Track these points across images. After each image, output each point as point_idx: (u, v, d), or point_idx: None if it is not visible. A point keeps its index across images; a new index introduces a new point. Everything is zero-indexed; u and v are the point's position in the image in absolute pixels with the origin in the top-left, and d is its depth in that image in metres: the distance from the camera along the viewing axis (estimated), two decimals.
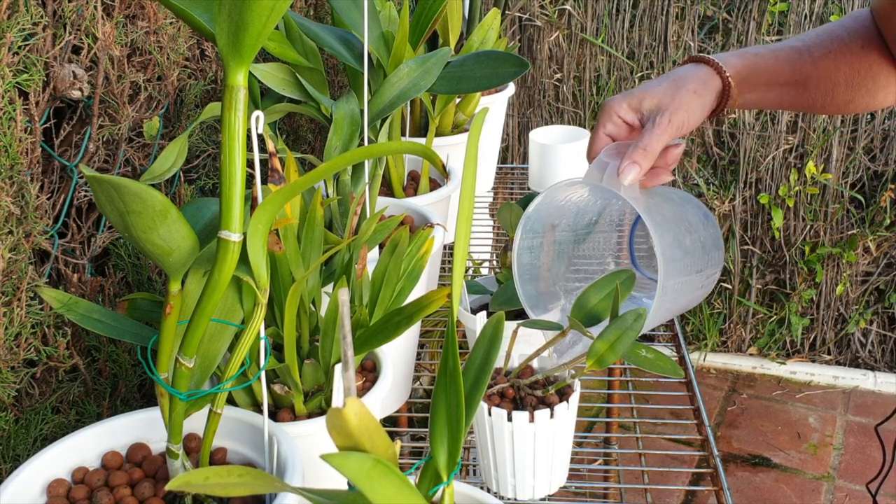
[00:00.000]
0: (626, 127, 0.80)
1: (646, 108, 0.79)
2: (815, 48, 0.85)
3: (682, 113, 0.78)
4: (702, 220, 0.84)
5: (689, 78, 0.80)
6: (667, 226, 0.76)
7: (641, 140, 0.76)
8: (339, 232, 0.89)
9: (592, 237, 0.90)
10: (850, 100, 0.86)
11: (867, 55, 0.85)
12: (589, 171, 0.78)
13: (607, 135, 0.80)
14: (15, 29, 0.70)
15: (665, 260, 0.73)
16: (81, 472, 0.65)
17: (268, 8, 0.47)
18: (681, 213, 0.82)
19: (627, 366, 1.28)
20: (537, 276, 0.86)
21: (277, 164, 0.63)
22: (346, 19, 0.96)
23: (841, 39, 0.85)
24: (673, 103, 0.78)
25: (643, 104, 0.79)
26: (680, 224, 0.80)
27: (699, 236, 0.82)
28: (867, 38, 0.85)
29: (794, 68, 0.84)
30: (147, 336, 0.65)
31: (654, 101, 0.79)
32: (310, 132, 1.42)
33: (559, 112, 2.50)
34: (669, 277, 0.74)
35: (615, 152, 0.77)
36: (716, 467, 0.88)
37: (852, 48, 0.85)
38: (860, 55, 0.85)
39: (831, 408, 2.33)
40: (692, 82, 0.80)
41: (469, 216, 0.51)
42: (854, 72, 0.85)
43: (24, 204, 0.74)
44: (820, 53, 0.85)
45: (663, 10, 2.33)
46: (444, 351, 0.48)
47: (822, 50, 0.85)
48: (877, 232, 2.33)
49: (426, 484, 0.49)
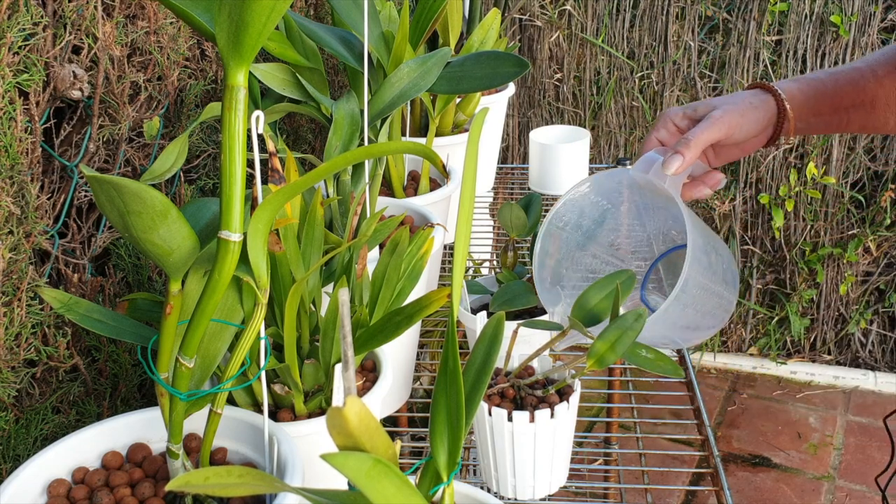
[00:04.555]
0: (678, 133, 0.82)
1: (700, 114, 0.81)
2: (879, 67, 0.84)
3: (736, 115, 0.79)
4: (727, 255, 0.85)
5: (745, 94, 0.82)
6: (700, 231, 0.77)
7: (689, 132, 0.77)
8: (340, 232, 0.89)
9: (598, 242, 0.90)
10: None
11: None
12: (636, 164, 0.79)
13: (659, 139, 0.82)
14: (15, 29, 0.70)
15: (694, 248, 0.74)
16: (82, 472, 0.65)
17: (268, 8, 0.47)
18: (712, 237, 0.83)
19: (628, 366, 1.28)
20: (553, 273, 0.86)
21: (277, 164, 0.63)
22: (347, 19, 0.96)
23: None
24: (727, 105, 0.79)
25: (698, 111, 0.81)
26: (710, 242, 0.81)
27: (723, 262, 0.83)
28: None
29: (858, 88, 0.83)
30: (147, 336, 0.65)
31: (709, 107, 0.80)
32: (310, 132, 1.42)
33: (559, 112, 2.50)
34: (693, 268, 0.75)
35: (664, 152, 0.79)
36: (716, 467, 0.88)
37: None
38: None
39: (832, 408, 2.33)
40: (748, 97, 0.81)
41: (469, 216, 0.51)
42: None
43: (24, 204, 0.74)
44: (884, 71, 0.83)
45: (663, 10, 2.33)
46: (444, 351, 0.48)
47: (886, 67, 0.83)
48: (877, 232, 2.33)
49: (426, 484, 0.49)
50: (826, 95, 0.84)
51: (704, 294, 0.80)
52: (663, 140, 0.82)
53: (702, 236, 0.78)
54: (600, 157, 2.49)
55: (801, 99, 0.83)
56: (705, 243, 0.79)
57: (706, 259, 0.78)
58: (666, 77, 2.37)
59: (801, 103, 0.83)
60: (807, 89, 0.83)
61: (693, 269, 0.75)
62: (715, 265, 0.81)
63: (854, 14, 2.18)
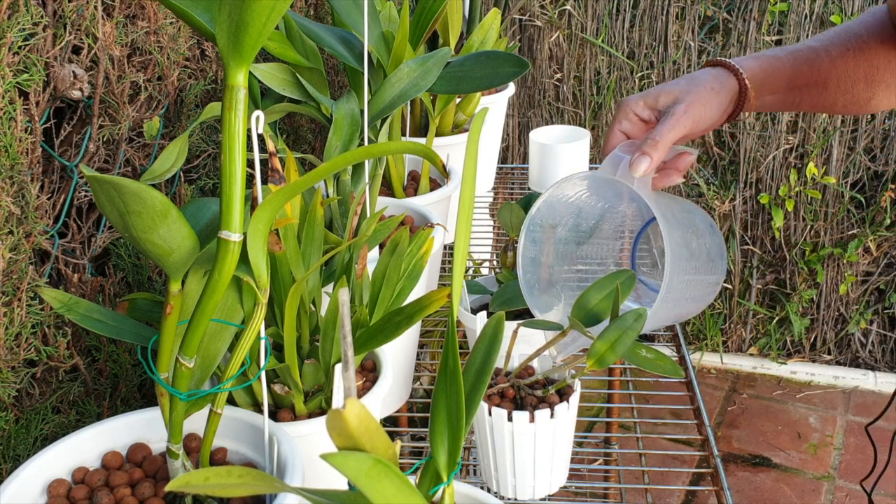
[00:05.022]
0: (641, 124, 0.80)
1: (662, 105, 0.79)
2: (833, 47, 0.84)
3: (699, 107, 0.78)
4: (708, 229, 0.84)
5: (706, 78, 0.80)
6: (676, 224, 0.76)
7: (654, 132, 0.76)
8: (340, 232, 0.89)
9: (595, 241, 0.90)
10: (871, 97, 0.86)
11: (885, 51, 0.84)
12: (603, 165, 0.78)
13: (622, 132, 0.81)
14: (15, 29, 0.70)
15: (673, 255, 0.73)
16: (82, 472, 0.65)
17: (268, 8, 0.46)
18: (689, 218, 0.82)
19: (628, 366, 1.28)
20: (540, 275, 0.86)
21: (277, 164, 0.63)
22: (347, 19, 0.96)
23: (858, 36, 0.84)
24: (689, 97, 0.78)
25: (659, 101, 0.79)
26: (688, 227, 0.80)
27: (705, 242, 0.82)
28: (885, 35, 0.84)
29: (813, 68, 0.83)
30: (147, 336, 0.65)
31: (670, 97, 0.79)
32: (310, 132, 1.42)
33: (559, 112, 2.50)
34: (675, 273, 0.74)
35: (630, 148, 0.78)
36: (716, 467, 0.88)
37: (870, 44, 0.84)
38: (878, 51, 0.84)
39: (832, 408, 2.33)
40: (709, 81, 0.80)
41: (469, 216, 0.51)
42: (873, 69, 0.84)
43: (24, 204, 0.74)
44: (838, 52, 0.84)
45: (663, 10, 2.33)
46: (444, 351, 0.48)
47: (840, 48, 0.84)
48: (877, 232, 2.33)
49: (426, 484, 0.49)
50: (784, 74, 0.83)
51: (691, 285, 0.80)
52: (627, 132, 0.81)
53: (678, 228, 0.77)
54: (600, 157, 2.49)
55: (761, 77, 0.82)
56: (683, 234, 0.78)
57: (686, 251, 0.78)
58: (666, 77, 2.37)
59: (762, 81, 0.82)
60: (767, 67, 0.82)
61: (674, 271, 0.74)
62: (697, 251, 0.80)
63: (854, 14, 2.18)
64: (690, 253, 0.79)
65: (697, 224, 0.82)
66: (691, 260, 0.79)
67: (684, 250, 0.77)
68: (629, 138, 0.81)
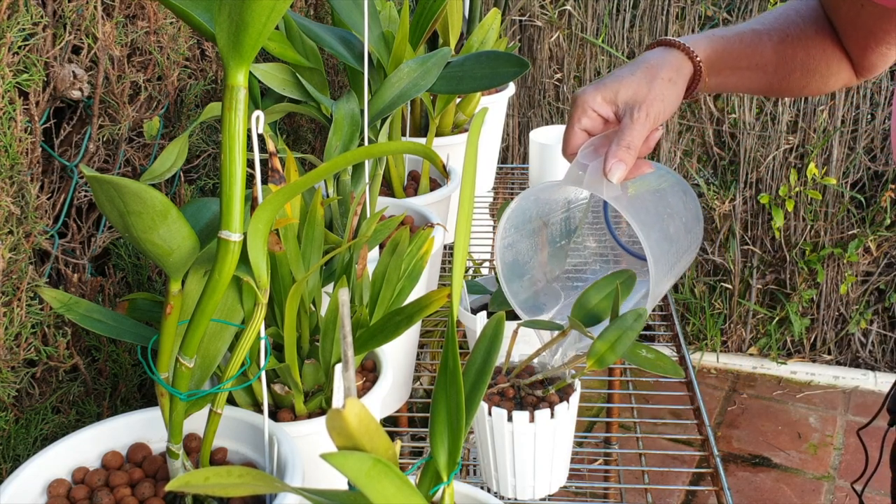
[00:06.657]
0: (601, 120, 0.78)
1: (621, 101, 0.77)
2: (774, 32, 0.85)
3: (659, 104, 0.76)
4: (681, 199, 0.82)
5: (661, 65, 0.78)
6: (651, 221, 0.75)
7: (623, 137, 0.74)
8: (340, 232, 0.89)
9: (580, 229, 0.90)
10: (805, 84, 0.86)
11: (821, 41, 0.85)
12: (568, 173, 0.76)
13: (583, 129, 0.78)
14: (15, 29, 0.70)
15: (655, 261, 0.73)
16: (82, 472, 0.65)
17: (268, 8, 0.47)
18: (662, 200, 0.80)
19: (628, 366, 1.28)
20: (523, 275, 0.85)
21: (277, 164, 0.63)
22: (347, 19, 0.96)
23: (797, 25, 0.85)
24: (650, 95, 0.76)
25: (618, 96, 0.77)
26: (663, 213, 0.79)
27: (682, 218, 0.81)
28: (820, 24, 0.85)
29: (756, 52, 0.84)
30: (147, 336, 0.65)
31: (629, 92, 0.77)
32: (310, 132, 1.42)
33: (559, 112, 2.50)
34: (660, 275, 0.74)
35: (592, 152, 0.76)
36: (716, 467, 0.88)
37: (807, 33, 0.85)
38: (814, 40, 0.85)
39: (832, 408, 2.33)
40: (665, 70, 0.78)
41: (469, 216, 0.51)
42: (809, 57, 0.85)
43: (24, 204, 0.74)
44: (778, 38, 0.84)
45: (663, 10, 2.33)
46: (444, 351, 0.48)
47: (780, 35, 0.85)
48: (877, 232, 2.33)
49: (426, 484, 0.49)
50: (731, 55, 0.83)
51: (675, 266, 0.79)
52: (589, 130, 0.78)
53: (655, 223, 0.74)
54: None
55: (713, 59, 0.81)
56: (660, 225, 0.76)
57: (667, 244, 0.76)
58: None
59: (713, 63, 0.81)
60: (718, 48, 0.82)
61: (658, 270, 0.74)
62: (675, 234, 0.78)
63: None
64: (671, 242, 0.77)
65: (671, 201, 0.80)
66: (672, 247, 0.78)
67: (664, 243, 0.76)
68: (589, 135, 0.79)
